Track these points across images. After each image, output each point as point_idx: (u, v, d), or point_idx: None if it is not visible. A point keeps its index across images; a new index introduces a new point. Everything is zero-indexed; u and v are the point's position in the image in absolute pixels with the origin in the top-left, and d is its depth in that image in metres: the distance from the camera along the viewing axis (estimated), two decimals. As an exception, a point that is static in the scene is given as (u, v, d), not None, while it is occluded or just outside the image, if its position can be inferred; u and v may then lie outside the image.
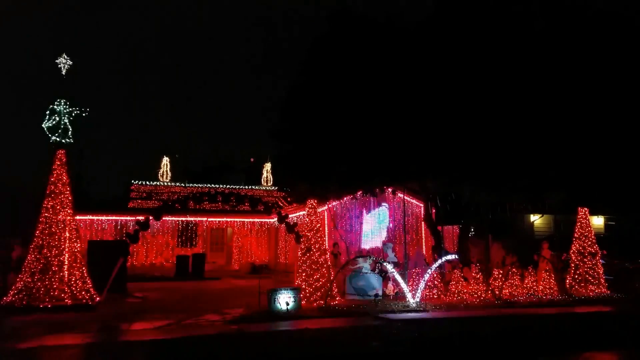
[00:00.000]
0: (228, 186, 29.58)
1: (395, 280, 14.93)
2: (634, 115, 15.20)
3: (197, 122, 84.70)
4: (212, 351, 8.77)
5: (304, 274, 14.05)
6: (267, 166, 31.90)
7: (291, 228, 15.77)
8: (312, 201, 14.86)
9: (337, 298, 14.15)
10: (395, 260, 17.65)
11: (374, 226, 21.77)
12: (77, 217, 14.40)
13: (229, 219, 28.16)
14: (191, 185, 29.64)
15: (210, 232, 28.77)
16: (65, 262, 12.79)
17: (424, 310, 12.92)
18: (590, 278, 15.90)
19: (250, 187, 30.44)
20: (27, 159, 61.45)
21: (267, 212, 22.61)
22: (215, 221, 28.07)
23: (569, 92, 14.79)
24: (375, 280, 15.19)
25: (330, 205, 20.70)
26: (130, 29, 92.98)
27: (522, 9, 15.59)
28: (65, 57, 13.71)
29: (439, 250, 17.46)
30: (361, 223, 21.58)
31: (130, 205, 27.52)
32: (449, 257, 15.93)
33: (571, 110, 14.88)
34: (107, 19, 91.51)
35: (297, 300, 12.68)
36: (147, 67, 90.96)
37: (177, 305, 14.16)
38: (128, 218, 25.77)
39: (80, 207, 17.17)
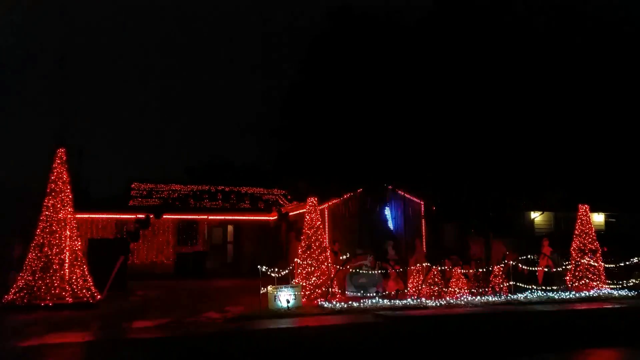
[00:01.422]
0: (228, 185, 29.58)
1: (395, 278, 14.94)
2: (634, 113, 15.23)
3: (197, 121, 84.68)
4: (213, 349, 8.79)
5: (304, 272, 14.05)
6: None
7: (291, 226, 15.78)
8: (312, 199, 14.85)
9: (338, 295, 14.15)
10: (396, 257, 17.65)
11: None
12: (78, 216, 14.40)
13: (229, 217, 28.14)
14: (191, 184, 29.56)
15: (211, 230, 28.74)
16: (66, 260, 12.81)
17: (425, 308, 12.93)
18: (590, 275, 15.90)
19: (250, 185, 30.37)
20: (27, 158, 61.44)
21: (268, 210, 22.72)
22: (215, 219, 28.05)
23: (569, 90, 14.80)
24: (375, 277, 15.21)
25: (330, 203, 20.69)
26: (129, 27, 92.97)
27: (521, 7, 15.61)
28: (66, 56, 13.68)
29: (439, 247, 17.46)
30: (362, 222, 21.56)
31: (131, 203, 27.47)
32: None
33: (572, 108, 14.90)
34: (106, 17, 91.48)
35: (298, 297, 12.70)
36: (146, 66, 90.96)
37: (178, 303, 14.18)
38: (129, 216, 25.75)
39: (81, 205, 17.15)
